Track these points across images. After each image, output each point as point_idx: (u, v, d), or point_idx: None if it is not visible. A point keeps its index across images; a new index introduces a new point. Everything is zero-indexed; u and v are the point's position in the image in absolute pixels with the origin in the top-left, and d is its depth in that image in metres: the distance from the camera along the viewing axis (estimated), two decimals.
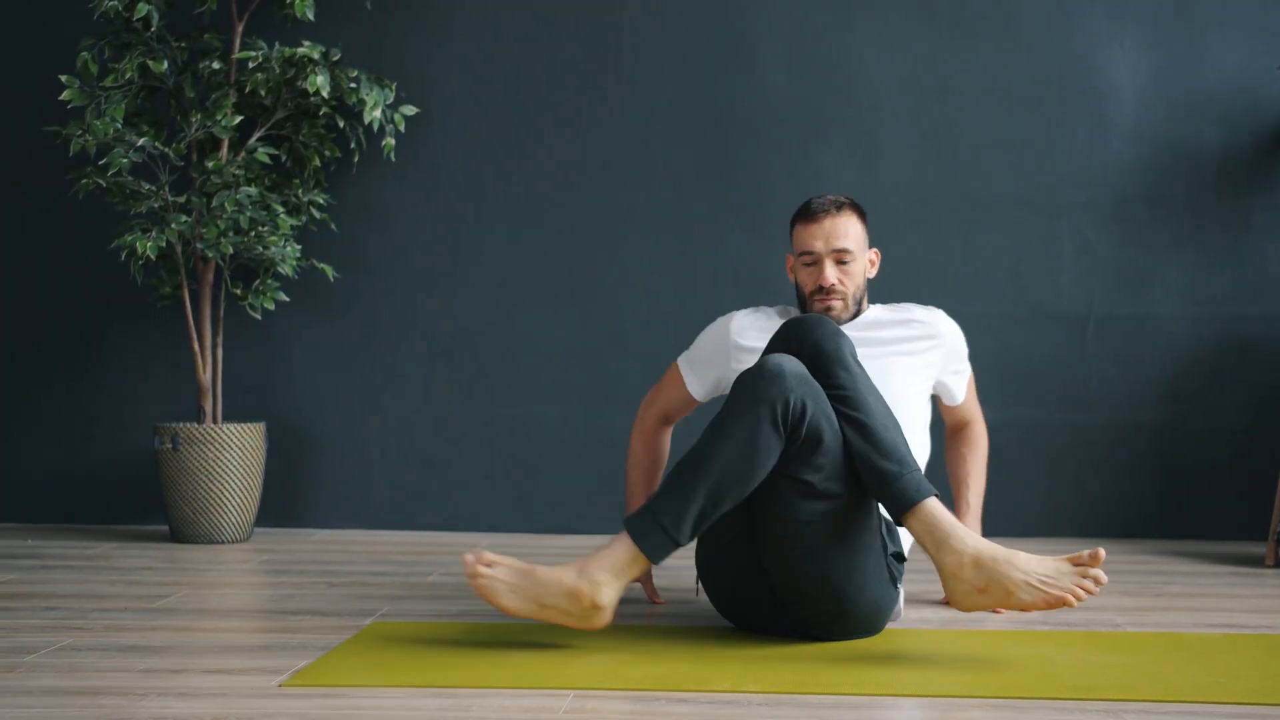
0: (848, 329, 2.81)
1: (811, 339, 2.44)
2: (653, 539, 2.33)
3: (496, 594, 2.36)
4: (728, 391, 2.82)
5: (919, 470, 2.37)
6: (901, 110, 4.06)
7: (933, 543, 2.33)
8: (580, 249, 4.09)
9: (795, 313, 2.88)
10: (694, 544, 2.53)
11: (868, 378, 2.45)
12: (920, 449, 2.76)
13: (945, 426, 3.04)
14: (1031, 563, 2.30)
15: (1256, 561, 3.58)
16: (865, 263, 2.85)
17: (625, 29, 4.09)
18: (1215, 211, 4.02)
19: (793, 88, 4.07)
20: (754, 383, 2.33)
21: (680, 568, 3.34)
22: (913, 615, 2.76)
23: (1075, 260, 4.04)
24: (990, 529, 2.79)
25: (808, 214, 2.83)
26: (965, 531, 2.33)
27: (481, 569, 2.37)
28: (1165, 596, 3.08)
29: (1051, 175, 4.04)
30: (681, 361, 2.95)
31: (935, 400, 2.98)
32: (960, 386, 2.95)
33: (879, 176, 4.03)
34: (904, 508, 2.33)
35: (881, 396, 2.46)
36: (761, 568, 2.46)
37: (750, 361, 2.76)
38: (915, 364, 2.81)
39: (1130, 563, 3.57)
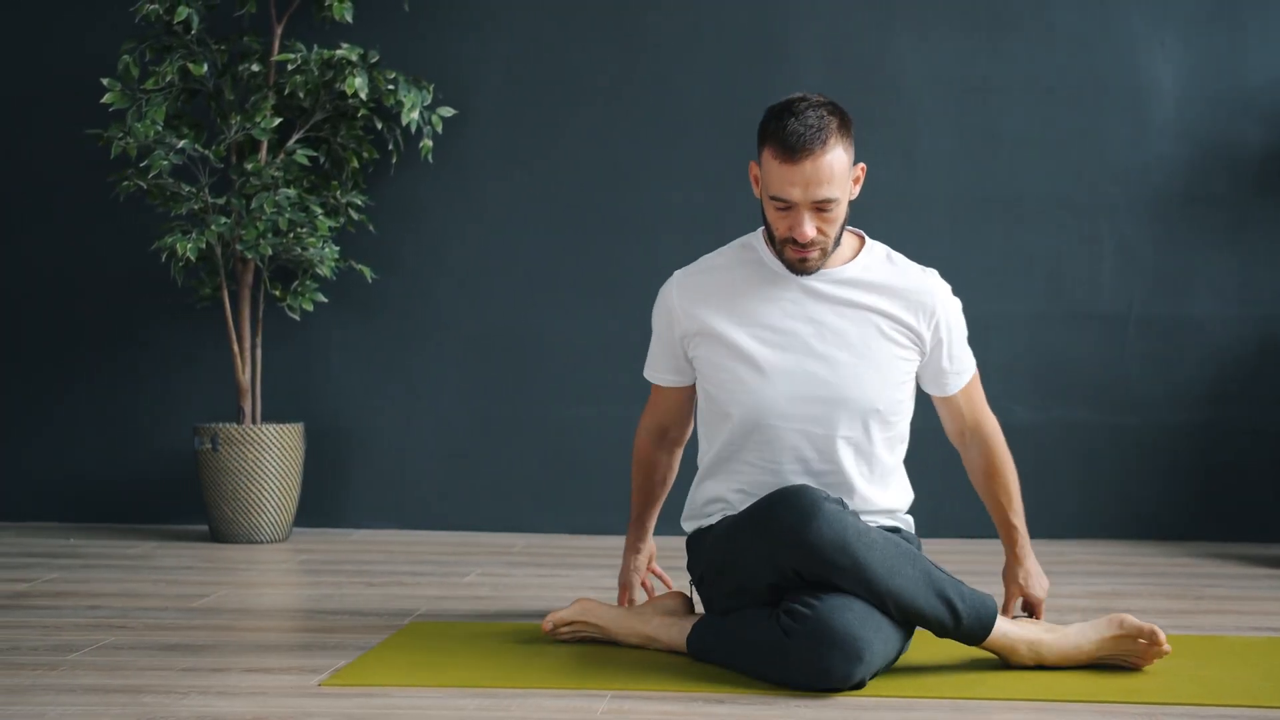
0: (826, 285, 2.43)
1: (817, 566, 2.20)
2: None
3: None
4: (695, 358, 2.56)
5: (971, 595, 2.27)
6: (940, 110, 4.03)
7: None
8: (615, 249, 4.09)
9: (755, 248, 2.49)
10: (693, 550, 2.55)
11: (879, 538, 2.24)
12: (902, 439, 2.50)
13: (945, 430, 2.59)
14: (1082, 652, 2.31)
15: None
16: (849, 191, 2.38)
17: (661, 29, 4.09)
18: (1257, 211, 3.99)
19: (830, 87, 4.02)
20: (811, 653, 2.18)
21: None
22: None
23: (1115, 260, 4.01)
24: (1028, 530, 2.74)
25: (784, 149, 2.32)
26: (1020, 631, 2.31)
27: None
28: (1206, 599, 3.06)
29: (1091, 174, 4.01)
30: (647, 373, 2.71)
31: (932, 397, 2.55)
32: (953, 377, 2.50)
33: (917, 176, 4.01)
34: (975, 643, 2.30)
35: (892, 540, 2.26)
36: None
37: (710, 352, 2.50)
38: (897, 337, 2.44)
39: (1170, 565, 3.54)
